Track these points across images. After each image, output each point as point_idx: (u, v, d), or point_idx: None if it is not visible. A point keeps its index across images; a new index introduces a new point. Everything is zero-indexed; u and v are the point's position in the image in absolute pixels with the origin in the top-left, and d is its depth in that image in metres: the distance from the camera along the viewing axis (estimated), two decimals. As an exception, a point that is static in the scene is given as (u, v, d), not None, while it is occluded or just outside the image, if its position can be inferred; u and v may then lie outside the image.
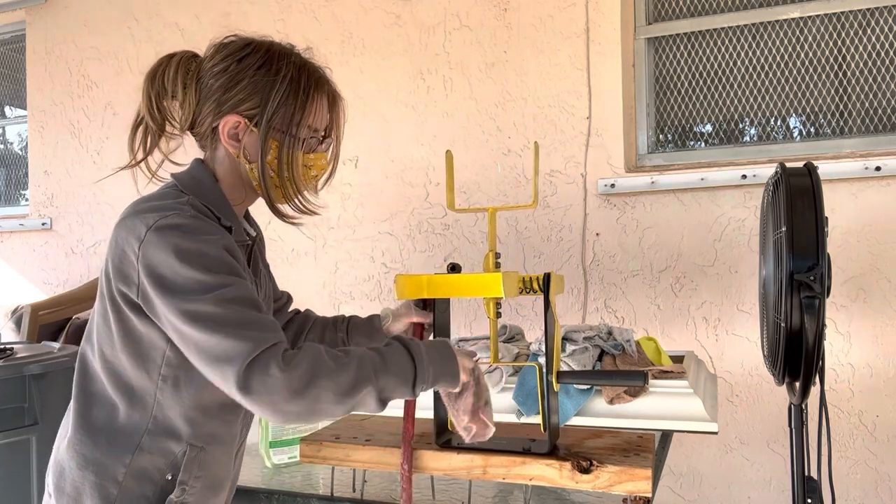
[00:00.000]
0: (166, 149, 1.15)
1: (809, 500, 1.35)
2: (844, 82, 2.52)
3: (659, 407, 1.61)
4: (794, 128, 2.59)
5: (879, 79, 2.48)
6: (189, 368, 1.03)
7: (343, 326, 1.38)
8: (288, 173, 1.12)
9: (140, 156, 1.14)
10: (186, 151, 1.19)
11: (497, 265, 1.19)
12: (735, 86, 2.65)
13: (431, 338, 1.27)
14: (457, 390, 1.14)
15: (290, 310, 1.41)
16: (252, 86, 1.09)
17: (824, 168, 2.25)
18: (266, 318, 1.00)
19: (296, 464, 1.54)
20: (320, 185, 1.21)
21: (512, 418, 1.66)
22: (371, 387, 1.01)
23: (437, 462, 1.16)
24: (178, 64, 1.11)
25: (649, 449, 1.16)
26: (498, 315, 1.23)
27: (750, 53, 2.62)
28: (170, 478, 1.08)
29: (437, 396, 1.22)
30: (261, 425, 1.54)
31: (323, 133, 1.17)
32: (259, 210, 1.20)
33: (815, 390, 1.30)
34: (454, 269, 1.15)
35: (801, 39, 2.56)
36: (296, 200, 1.16)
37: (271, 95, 1.09)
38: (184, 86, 1.11)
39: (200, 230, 1.02)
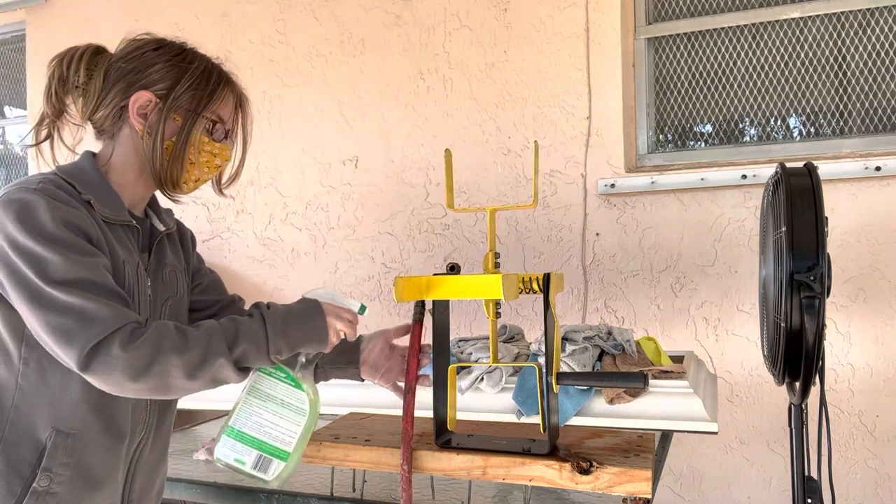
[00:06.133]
0: (72, 142, 1.21)
1: (809, 500, 1.35)
2: (844, 82, 2.52)
3: (659, 407, 1.61)
4: (794, 128, 2.59)
5: (879, 79, 2.48)
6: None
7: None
8: (184, 151, 1.16)
9: (42, 138, 1.19)
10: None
11: (497, 265, 1.19)
12: (735, 86, 2.65)
13: (430, 337, 1.27)
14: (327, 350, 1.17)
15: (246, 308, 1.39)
16: (167, 69, 1.15)
17: (824, 168, 2.25)
18: (106, 300, 1.00)
19: (296, 464, 1.54)
20: (224, 179, 1.27)
21: (512, 418, 1.66)
22: (223, 359, 1.03)
23: (436, 462, 1.16)
24: (83, 53, 1.16)
25: (649, 449, 1.16)
26: (497, 315, 1.23)
27: (750, 53, 2.62)
28: (38, 472, 1.04)
29: (436, 397, 1.22)
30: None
31: (228, 128, 1.22)
32: (257, 210, 1.20)
33: (815, 390, 1.30)
34: (454, 269, 1.15)
35: (801, 39, 2.56)
36: (188, 178, 1.19)
37: (183, 77, 1.15)
38: (88, 74, 1.16)
39: (41, 205, 1.02)
